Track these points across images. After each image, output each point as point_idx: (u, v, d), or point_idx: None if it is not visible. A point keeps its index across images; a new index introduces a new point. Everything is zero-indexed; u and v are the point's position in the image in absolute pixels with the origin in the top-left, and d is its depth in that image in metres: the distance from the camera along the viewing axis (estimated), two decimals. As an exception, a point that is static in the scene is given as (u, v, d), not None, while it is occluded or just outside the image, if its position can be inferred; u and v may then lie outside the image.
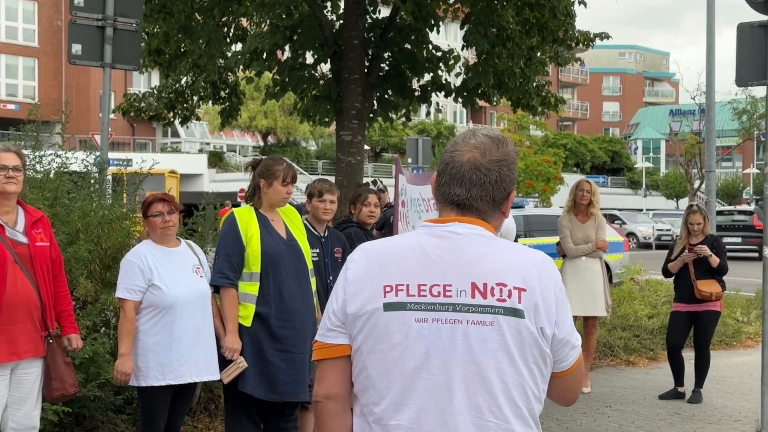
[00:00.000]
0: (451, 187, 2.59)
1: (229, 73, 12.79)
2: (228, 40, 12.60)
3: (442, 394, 2.45)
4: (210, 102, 13.34)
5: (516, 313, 2.45)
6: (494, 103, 12.93)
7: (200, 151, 57.19)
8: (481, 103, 12.60)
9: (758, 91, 45.36)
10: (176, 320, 5.49)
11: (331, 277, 6.36)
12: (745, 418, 8.78)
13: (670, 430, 8.38)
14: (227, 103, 13.18)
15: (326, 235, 6.50)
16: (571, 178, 10.46)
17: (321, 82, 11.75)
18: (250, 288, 5.61)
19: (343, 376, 2.60)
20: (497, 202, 2.60)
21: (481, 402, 2.45)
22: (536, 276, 2.50)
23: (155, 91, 13.20)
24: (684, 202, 53.35)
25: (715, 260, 9.39)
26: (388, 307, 2.49)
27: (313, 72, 11.88)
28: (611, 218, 43.04)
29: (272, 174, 5.71)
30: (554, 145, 55.37)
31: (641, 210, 57.94)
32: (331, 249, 6.46)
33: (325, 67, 12.01)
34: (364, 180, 11.66)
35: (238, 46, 12.28)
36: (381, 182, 12.57)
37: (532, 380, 2.49)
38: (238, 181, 37.27)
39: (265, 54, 11.04)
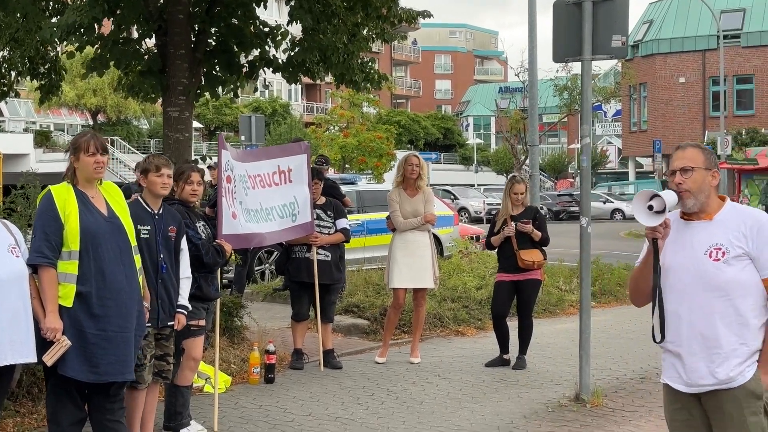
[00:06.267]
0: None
1: (49, 48, 12.33)
2: (47, 13, 12.13)
3: None
4: (28, 78, 12.82)
5: None
6: (318, 80, 12.93)
7: (26, 130, 55.04)
8: (306, 79, 12.56)
9: (578, 68, 46.83)
10: (-10, 301, 5.26)
11: (162, 255, 6.24)
12: (565, 382, 9.17)
13: (495, 395, 8.66)
14: (47, 80, 12.71)
15: (160, 212, 6.39)
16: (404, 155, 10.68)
17: (146, 57, 11.48)
18: (69, 267, 5.45)
19: None
20: None
21: None
22: None
23: (-29, 67, 12.62)
24: (513, 177, 54.79)
25: (537, 235, 9.71)
26: None
27: (138, 47, 11.58)
28: (444, 194, 44.00)
29: (77, 147, 5.63)
30: (388, 122, 55.94)
31: (473, 185, 59.39)
32: (164, 227, 6.33)
33: (150, 42, 11.70)
34: (194, 157, 11.47)
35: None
36: (211, 159, 12.41)
37: None
38: (66, 161, 36.06)
39: (83, 29, 10.66)
